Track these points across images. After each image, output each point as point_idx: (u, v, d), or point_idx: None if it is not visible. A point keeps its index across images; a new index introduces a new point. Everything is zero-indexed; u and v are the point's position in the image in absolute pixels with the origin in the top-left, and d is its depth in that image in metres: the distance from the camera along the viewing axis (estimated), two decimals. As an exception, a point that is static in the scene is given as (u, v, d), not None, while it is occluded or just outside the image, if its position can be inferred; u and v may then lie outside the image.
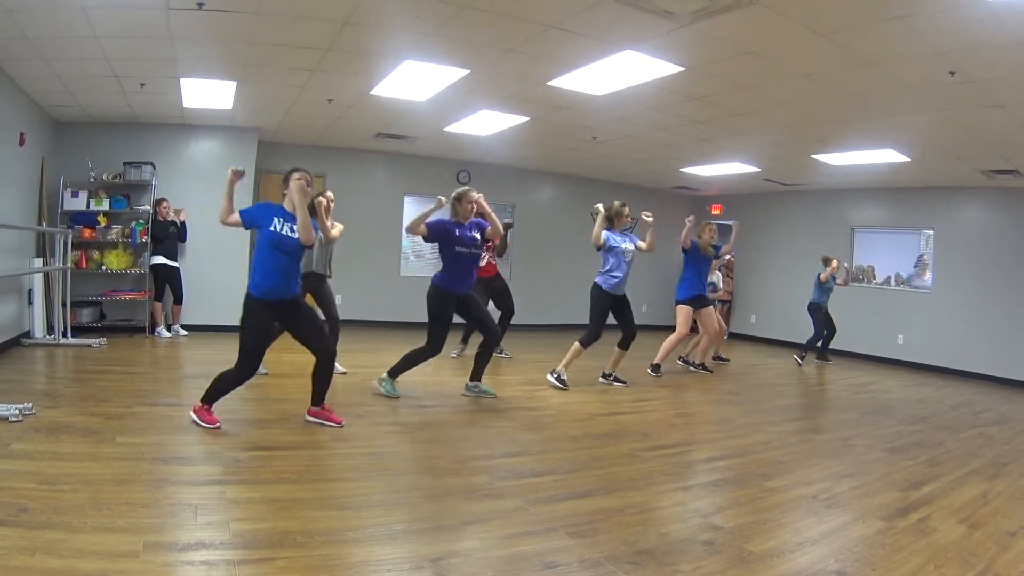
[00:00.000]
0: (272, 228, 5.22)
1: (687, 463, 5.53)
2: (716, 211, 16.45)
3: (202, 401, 5.28)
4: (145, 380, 7.08)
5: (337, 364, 7.65)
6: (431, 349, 6.83)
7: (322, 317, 7.20)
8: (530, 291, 14.44)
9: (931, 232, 12.37)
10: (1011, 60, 5.60)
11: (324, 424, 5.56)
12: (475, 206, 6.92)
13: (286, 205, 5.39)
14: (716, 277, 11.43)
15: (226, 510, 3.66)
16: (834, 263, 11.56)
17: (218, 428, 5.16)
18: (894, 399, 8.98)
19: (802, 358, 11.62)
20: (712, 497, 4.67)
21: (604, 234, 7.95)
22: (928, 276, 12.42)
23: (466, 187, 7.02)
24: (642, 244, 8.29)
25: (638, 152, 11.50)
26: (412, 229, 6.70)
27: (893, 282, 12.97)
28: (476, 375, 7.24)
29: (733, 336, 15.72)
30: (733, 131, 9.30)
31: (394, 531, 3.58)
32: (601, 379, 8.43)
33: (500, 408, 6.82)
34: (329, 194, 7.10)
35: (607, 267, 8.01)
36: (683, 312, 9.30)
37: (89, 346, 8.62)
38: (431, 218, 6.71)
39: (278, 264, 5.23)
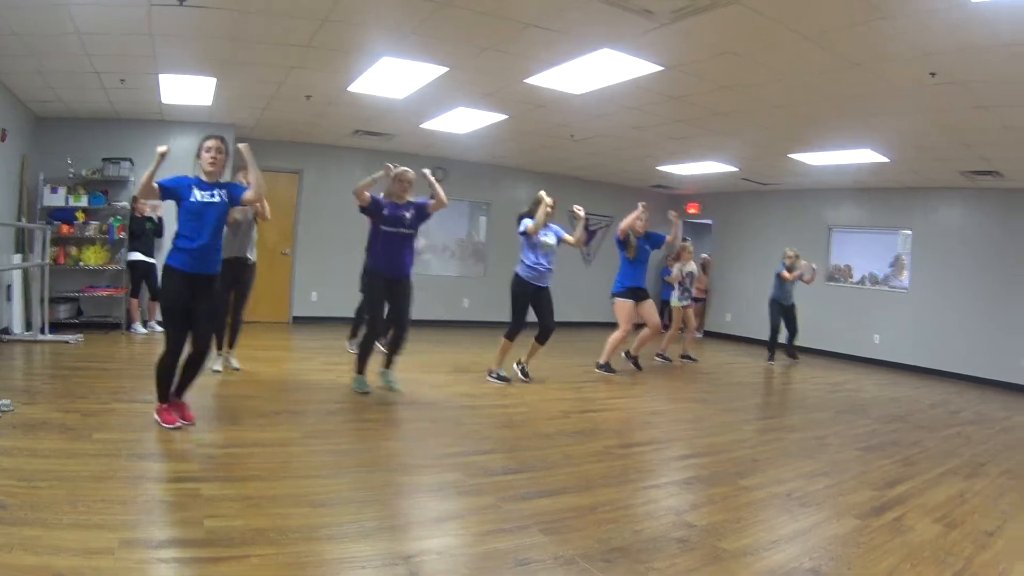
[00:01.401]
0: (192, 198, 5.12)
1: (661, 461, 5.58)
2: (693, 210, 16.53)
3: (159, 400, 5.22)
4: (122, 376, 7.06)
5: (234, 360, 7.61)
6: (370, 331, 6.86)
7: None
8: (504, 289, 14.45)
9: (909, 232, 12.49)
10: (993, 62, 5.66)
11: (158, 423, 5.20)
12: (409, 185, 6.91)
13: (203, 170, 5.28)
14: (693, 267, 11.47)
15: (201, 507, 3.67)
16: (801, 263, 11.60)
17: (178, 428, 5.10)
18: (869, 398, 9.08)
19: (771, 358, 11.68)
20: (686, 495, 4.70)
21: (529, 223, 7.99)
22: (905, 276, 12.53)
23: (403, 167, 6.98)
24: (569, 238, 8.29)
25: (615, 151, 11.56)
26: (358, 192, 6.67)
27: (868, 282, 13.08)
28: (387, 363, 7.16)
29: (708, 335, 15.82)
30: (711, 131, 9.35)
31: (367, 528, 3.60)
32: (515, 365, 8.37)
33: (472, 405, 6.85)
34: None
35: (526, 259, 8.13)
36: (621, 307, 9.13)
37: (67, 342, 8.59)
38: (374, 190, 6.75)
39: (198, 234, 5.08)
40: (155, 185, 5.08)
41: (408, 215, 6.84)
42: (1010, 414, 8.62)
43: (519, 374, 8.25)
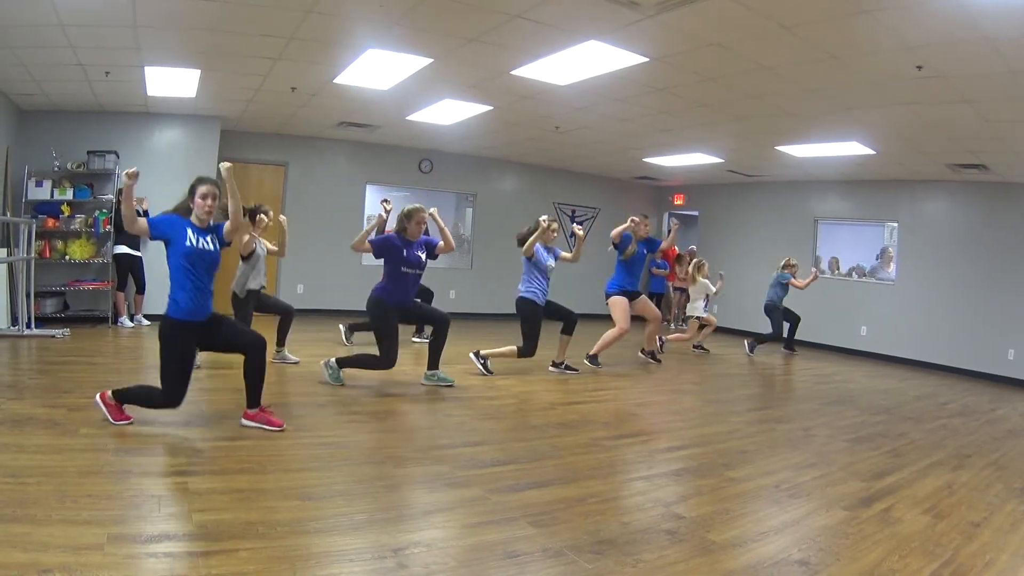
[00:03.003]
0: (188, 243, 4.92)
1: (649, 452, 5.58)
2: (679, 201, 16.57)
3: (114, 396, 5.04)
4: (108, 371, 7.02)
5: (288, 353, 7.88)
6: (385, 360, 6.82)
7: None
8: (490, 280, 14.53)
9: (895, 224, 12.54)
10: (979, 56, 5.68)
11: (264, 428, 5.18)
12: (425, 226, 7.01)
13: (197, 216, 5.05)
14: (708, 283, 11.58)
15: (189, 501, 3.67)
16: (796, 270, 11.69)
17: (130, 423, 5.00)
18: (857, 390, 9.11)
19: (752, 349, 11.70)
20: (674, 486, 4.72)
21: (536, 247, 8.10)
22: (892, 268, 12.59)
23: (416, 205, 7.01)
24: (567, 255, 8.49)
25: (601, 142, 11.57)
26: (356, 247, 6.81)
27: (855, 274, 13.12)
28: (433, 364, 7.28)
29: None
30: (697, 122, 9.37)
31: (356, 521, 3.60)
32: (552, 368, 8.54)
33: (461, 397, 6.85)
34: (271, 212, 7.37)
35: (533, 282, 8.19)
36: (617, 304, 9.19)
37: (53, 337, 8.55)
38: (373, 235, 6.87)
39: (198, 281, 4.95)
40: (142, 222, 4.97)
41: (422, 256, 7.00)
42: (996, 406, 8.67)
43: (563, 371, 8.51)
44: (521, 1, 5.61)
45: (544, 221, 8.06)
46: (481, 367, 8.08)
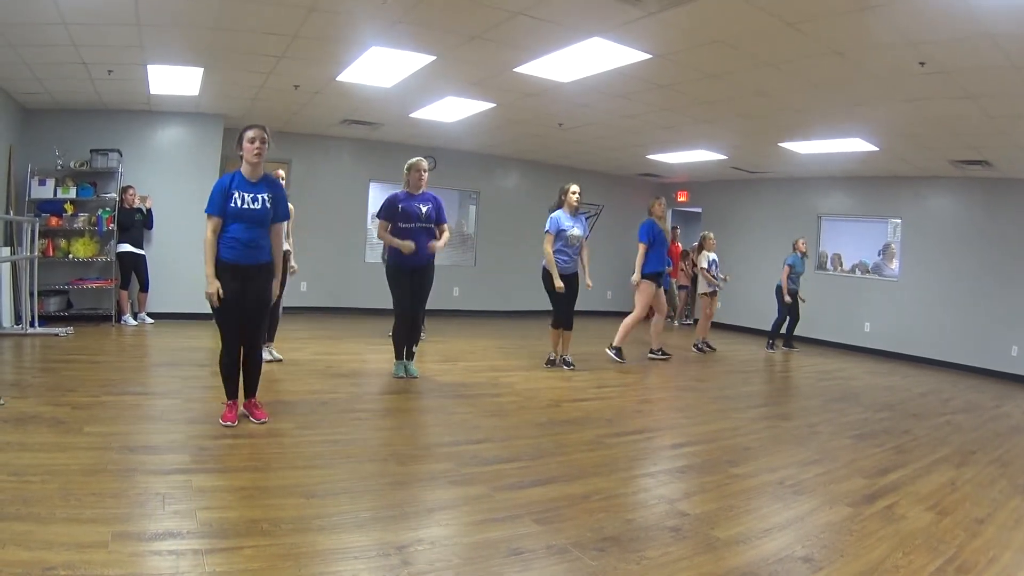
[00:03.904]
0: (233, 204, 5.02)
1: (652, 449, 5.60)
2: (682, 198, 16.55)
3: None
4: (112, 369, 7.04)
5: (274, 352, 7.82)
6: (398, 315, 7.09)
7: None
8: (494, 277, 14.52)
9: (899, 221, 12.52)
10: (982, 52, 5.66)
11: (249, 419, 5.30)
12: (423, 175, 7.08)
13: (247, 161, 5.18)
14: (715, 256, 11.67)
15: (193, 499, 3.67)
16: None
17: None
18: (860, 386, 9.10)
19: (771, 345, 11.76)
20: (678, 483, 4.71)
21: (553, 218, 8.20)
22: (895, 264, 12.57)
23: (419, 157, 7.16)
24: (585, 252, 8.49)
25: (604, 139, 11.55)
26: (380, 236, 7.14)
27: (858, 271, 13.11)
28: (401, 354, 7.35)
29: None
30: (700, 119, 9.35)
31: (360, 519, 3.60)
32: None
33: (464, 395, 6.85)
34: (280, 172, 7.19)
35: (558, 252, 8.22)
36: (646, 290, 9.33)
37: (56, 335, 8.56)
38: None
39: (243, 231, 5.04)
40: (211, 236, 5.04)
41: (424, 208, 7.02)
42: (1000, 403, 8.66)
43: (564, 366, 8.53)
44: (524, -2, 5.60)
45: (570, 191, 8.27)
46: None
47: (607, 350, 9.29)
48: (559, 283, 8.02)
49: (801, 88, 7.37)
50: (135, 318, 10.22)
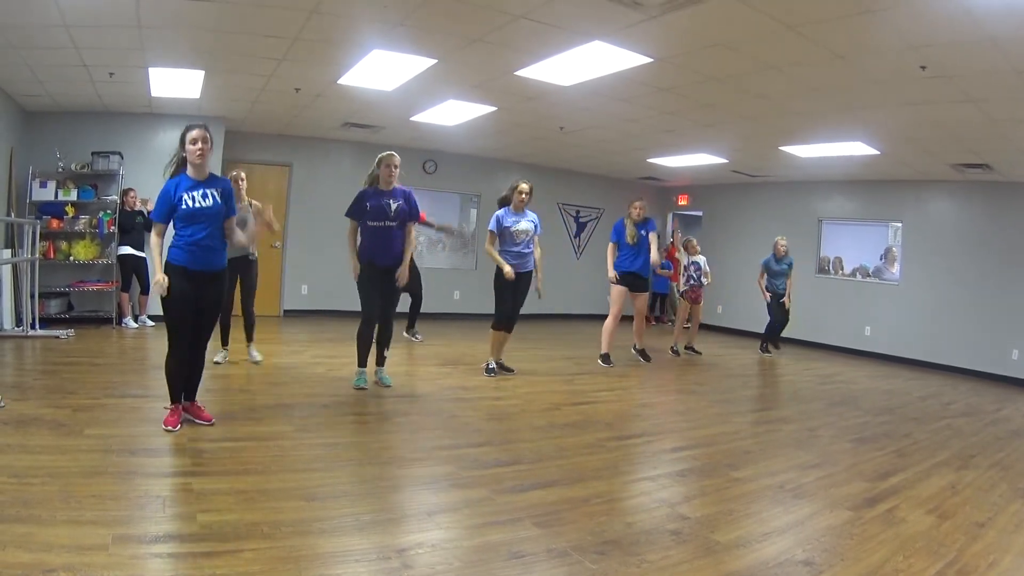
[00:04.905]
0: (184, 206, 4.93)
1: (653, 453, 5.60)
2: (683, 201, 16.56)
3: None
4: (112, 371, 7.04)
5: (256, 353, 7.83)
6: (363, 317, 6.90)
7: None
8: (492, 281, 14.49)
9: (899, 225, 12.52)
10: (984, 56, 5.65)
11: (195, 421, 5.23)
12: (393, 170, 6.82)
13: (190, 163, 5.04)
14: (700, 259, 11.54)
15: (193, 502, 3.67)
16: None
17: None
18: (861, 390, 9.10)
19: (765, 349, 11.76)
20: (678, 487, 4.71)
21: (494, 216, 7.93)
22: (896, 268, 12.57)
23: (390, 152, 6.93)
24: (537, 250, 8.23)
25: (605, 142, 11.53)
26: (349, 235, 7.01)
27: (859, 275, 13.10)
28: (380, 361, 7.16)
29: (700, 327, 15.80)
30: (701, 123, 9.34)
31: (361, 522, 3.61)
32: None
33: (464, 398, 6.86)
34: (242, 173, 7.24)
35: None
36: (613, 292, 9.26)
37: (57, 337, 8.57)
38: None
39: (196, 232, 4.99)
40: (155, 238, 5.06)
41: (395, 205, 6.74)
42: (1000, 406, 8.65)
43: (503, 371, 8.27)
44: (525, 2, 5.58)
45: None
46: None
47: (599, 360, 9.25)
48: (507, 268, 7.68)
49: (802, 92, 7.36)
50: (136, 321, 10.22)
